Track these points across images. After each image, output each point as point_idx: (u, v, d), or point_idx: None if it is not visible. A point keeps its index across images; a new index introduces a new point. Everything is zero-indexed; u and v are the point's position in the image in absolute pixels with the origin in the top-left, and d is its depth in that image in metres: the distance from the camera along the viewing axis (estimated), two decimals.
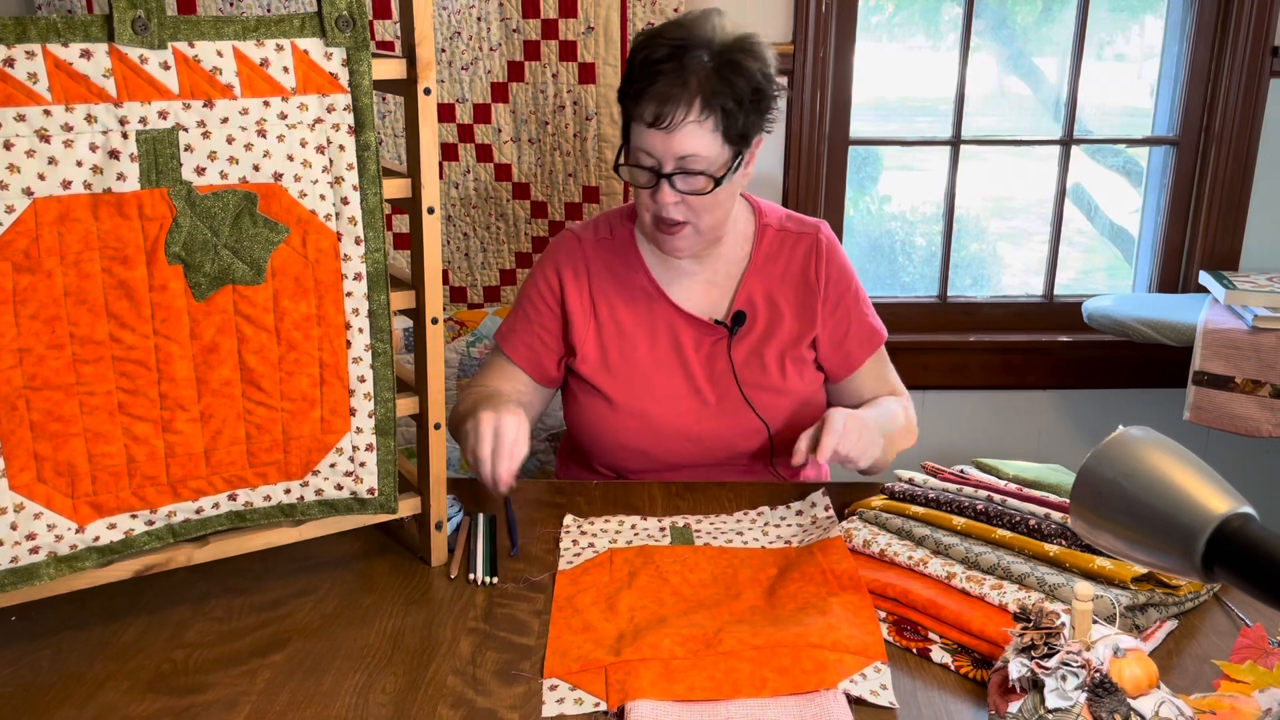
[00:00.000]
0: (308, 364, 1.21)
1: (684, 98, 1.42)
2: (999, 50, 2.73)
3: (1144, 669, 0.93)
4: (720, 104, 1.43)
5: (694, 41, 1.45)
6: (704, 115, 1.43)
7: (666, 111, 1.43)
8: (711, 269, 1.63)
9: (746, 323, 1.61)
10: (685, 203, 1.48)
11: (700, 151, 1.45)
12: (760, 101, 1.49)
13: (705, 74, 1.43)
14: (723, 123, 1.45)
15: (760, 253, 1.63)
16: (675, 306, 1.62)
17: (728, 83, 1.44)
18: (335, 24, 1.14)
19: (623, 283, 1.63)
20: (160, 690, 1.12)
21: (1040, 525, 1.22)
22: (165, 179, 1.10)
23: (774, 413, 1.60)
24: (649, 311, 1.62)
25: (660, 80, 1.43)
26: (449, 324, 2.38)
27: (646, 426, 1.60)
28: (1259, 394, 2.17)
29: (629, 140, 1.51)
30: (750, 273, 1.63)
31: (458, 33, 2.26)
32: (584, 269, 1.63)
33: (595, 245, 1.65)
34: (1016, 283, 2.91)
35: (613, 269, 1.63)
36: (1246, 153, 2.48)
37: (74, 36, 1.03)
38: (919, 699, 1.09)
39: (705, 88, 1.43)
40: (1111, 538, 0.75)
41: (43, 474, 1.12)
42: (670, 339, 1.62)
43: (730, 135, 1.46)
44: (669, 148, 1.44)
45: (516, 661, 1.16)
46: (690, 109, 1.43)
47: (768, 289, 1.63)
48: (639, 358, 1.61)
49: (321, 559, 1.37)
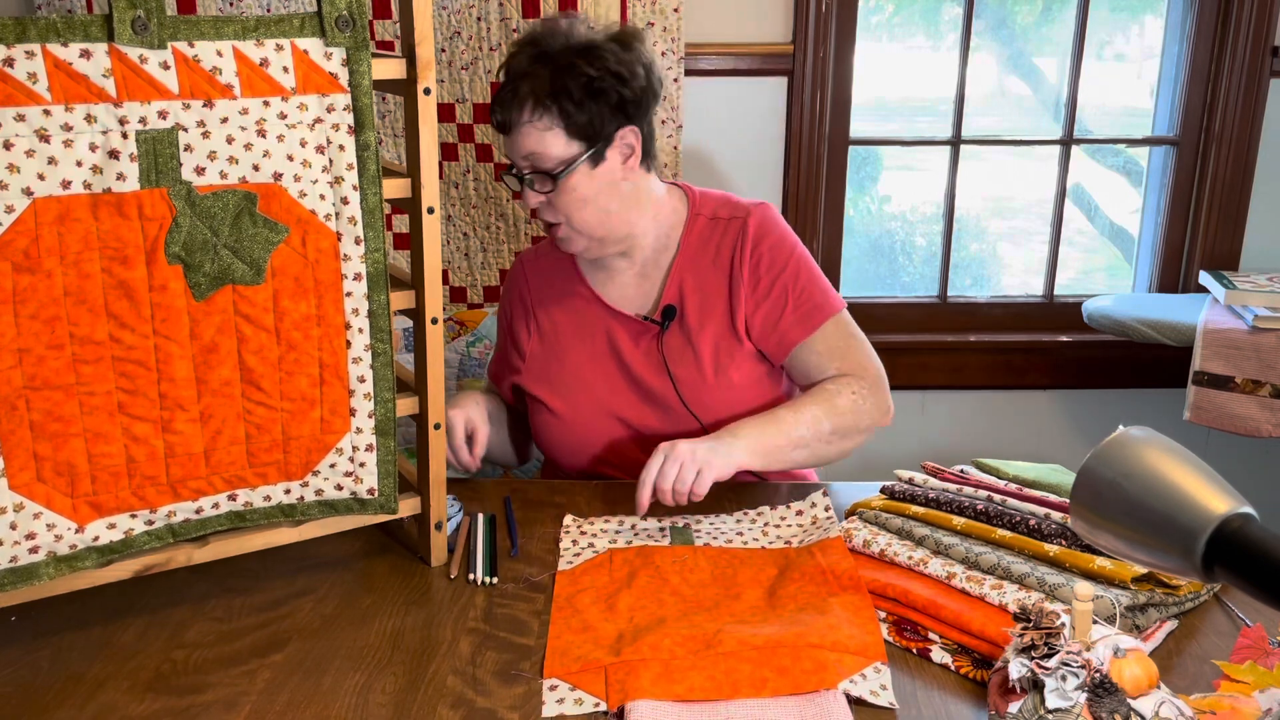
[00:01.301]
0: (308, 364, 1.21)
1: (515, 101, 1.48)
2: (999, 50, 2.73)
3: (1144, 669, 0.93)
4: (555, 104, 1.47)
5: (536, 47, 1.50)
6: (537, 115, 1.48)
7: (506, 114, 1.50)
8: (640, 264, 1.64)
9: (677, 315, 1.60)
10: (549, 202, 1.53)
11: (538, 150, 1.49)
12: (598, 96, 1.48)
13: (538, 77, 1.47)
14: (561, 120, 1.48)
15: (689, 243, 1.62)
16: (608, 307, 1.63)
17: (558, 82, 1.47)
18: (335, 24, 1.14)
19: (560, 292, 1.67)
20: (160, 690, 1.12)
21: (1040, 525, 1.21)
22: (165, 179, 1.10)
23: (715, 407, 1.57)
24: (584, 315, 1.64)
25: (505, 86, 1.51)
26: (449, 324, 2.38)
27: (592, 431, 1.61)
28: (1259, 394, 2.17)
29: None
30: (678, 264, 1.61)
31: (458, 33, 2.25)
32: (525, 290, 1.70)
33: (536, 262, 1.71)
34: (1016, 283, 2.91)
35: (552, 282, 1.68)
36: (1246, 153, 2.48)
37: (74, 36, 1.03)
38: (919, 699, 1.09)
39: (536, 90, 1.47)
40: (1111, 538, 0.75)
41: (42, 474, 1.12)
42: (606, 340, 1.63)
43: (574, 131, 1.48)
44: (514, 150, 1.52)
45: (516, 661, 1.16)
46: (522, 110, 1.48)
47: (699, 280, 1.60)
48: (577, 363, 1.63)
49: (321, 559, 1.37)
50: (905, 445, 2.75)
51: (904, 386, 2.70)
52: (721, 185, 2.46)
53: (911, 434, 2.75)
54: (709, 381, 1.57)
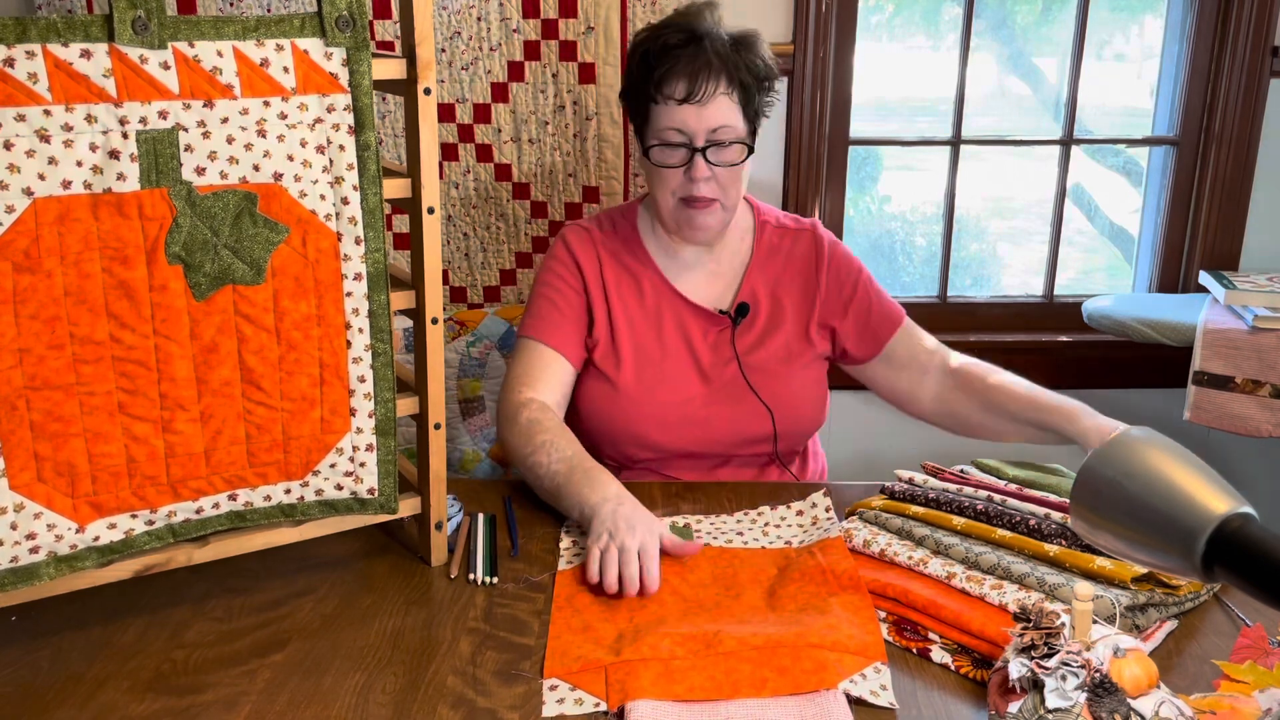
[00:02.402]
0: (308, 364, 1.21)
1: (711, 73, 1.53)
2: (999, 50, 2.73)
3: (1144, 669, 0.93)
4: (741, 79, 1.55)
5: (702, 28, 1.56)
6: (730, 88, 1.54)
7: (699, 85, 1.52)
8: (716, 261, 1.69)
9: (750, 315, 1.66)
10: (715, 178, 1.56)
11: (731, 122, 1.55)
12: (767, 82, 1.60)
13: (726, 52, 1.54)
14: (742, 98, 1.56)
15: (762, 248, 1.70)
16: (682, 297, 1.67)
17: (745, 61, 1.56)
18: (335, 24, 1.14)
19: (631, 273, 1.68)
20: (160, 690, 1.12)
21: (1040, 525, 1.22)
22: (165, 179, 1.10)
23: (777, 401, 1.64)
24: (656, 302, 1.67)
25: (683, 60, 1.53)
26: (449, 324, 2.38)
27: (654, 413, 1.62)
28: (1259, 394, 2.17)
29: (649, 126, 1.59)
30: (753, 267, 1.69)
31: (458, 33, 2.26)
32: (596, 259, 1.68)
33: (604, 237, 1.70)
34: (1016, 283, 2.91)
35: (621, 260, 1.69)
36: (1246, 153, 2.48)
37: (74, 36, 1.03)
38: (919, 699, 1.09)
39: (729, 63, 1.54)
40: (1111, 538, 0.75)
41: (43, 474, 1.12)
42: (678, 328, 1.66)
43: (749, 113, 1.58)
44: (702, 121, 1.53)
45: (516, 661, 1.16)
46: (719, 82, 1.53)
47: (770, 283, 1.69)
48: (648, 346, 1.65)
49: (321, 559, 1.37)
50: (905, 445, 2.74)
51: None
52: None
53: (911, 434, 2.74)
54: (778, 376, 1.65)
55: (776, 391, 1.64)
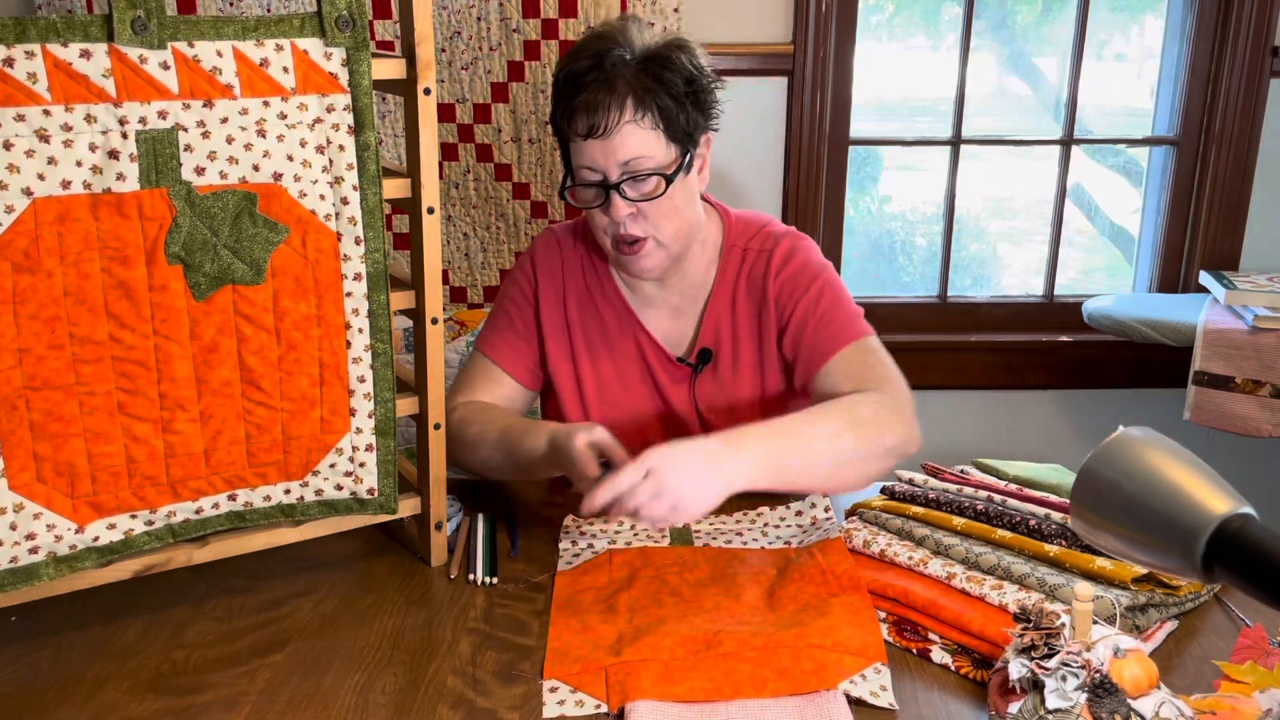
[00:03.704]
0: (307, 364, 1.21)
1: (614, 100, 1.37)
2: (999, 50, 2.73)
3: (1144, 669, 0.93)
4: (655, 101, 1.38)
5: (613, 47, 1.40)
6: (639, 113, 1.38)
7: (600, 118, 1.37)
8: (678, 294, 1.55)
9: (712, 360, 1.54)
10: (640, 213, 1.41)
11: (643, 152, 1.38)
12: (698, 95, 1.42)
13: (631, 73, 1.38)
14: (662, 120, 1.39)
15: (725, 277, 1.54)
16: (647, 332, 1.56)
17: (657, 79, 1.38)
18: (335, 24, 1.14)
19: (596, 298, 1.57)
20: (160, 690, 1.12)
21: (1040, 525, 1.21)
22: (165, 179, 1.10)
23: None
24: (620, 332, 1.56)
25: (586, 90, 1.38)
26: (449, 324, 2.38)
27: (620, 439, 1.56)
28: (1259, 394, 2.17)
29: (570, 163, 1.44)
30: (714, 300, 1.54)
31: (458, 33, 2.26)
32: (560, 277, 1.57)
33: (574, 252, 1.58)
34: (1016, 283, 2.91)
35: (588, 282, 1.57)
36: (1246, 153, 2.48)
37: (74, 36, 1.03)
38: (919, 700, 1.09)
39: (635, 85, 1.37)
40: (1111, 538, 0.75)
41: (42, 474, 1.12)
42: (641, 363, 1.56)
43: (673, 133, 1.40)
44: (610, 155, 1.38)
45: (516, 662, 1.16)
46: (623, 109, 1.37)
47: (733, 318, 1.54)
48: (610, 377, 1.57)
49: (321, 559, 1.37)
50: None
51: None
52: (721, 185, 2.46)
53: None
54: (743, 417, 1.50)
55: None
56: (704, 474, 1.22)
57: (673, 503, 1.20)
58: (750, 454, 1.26)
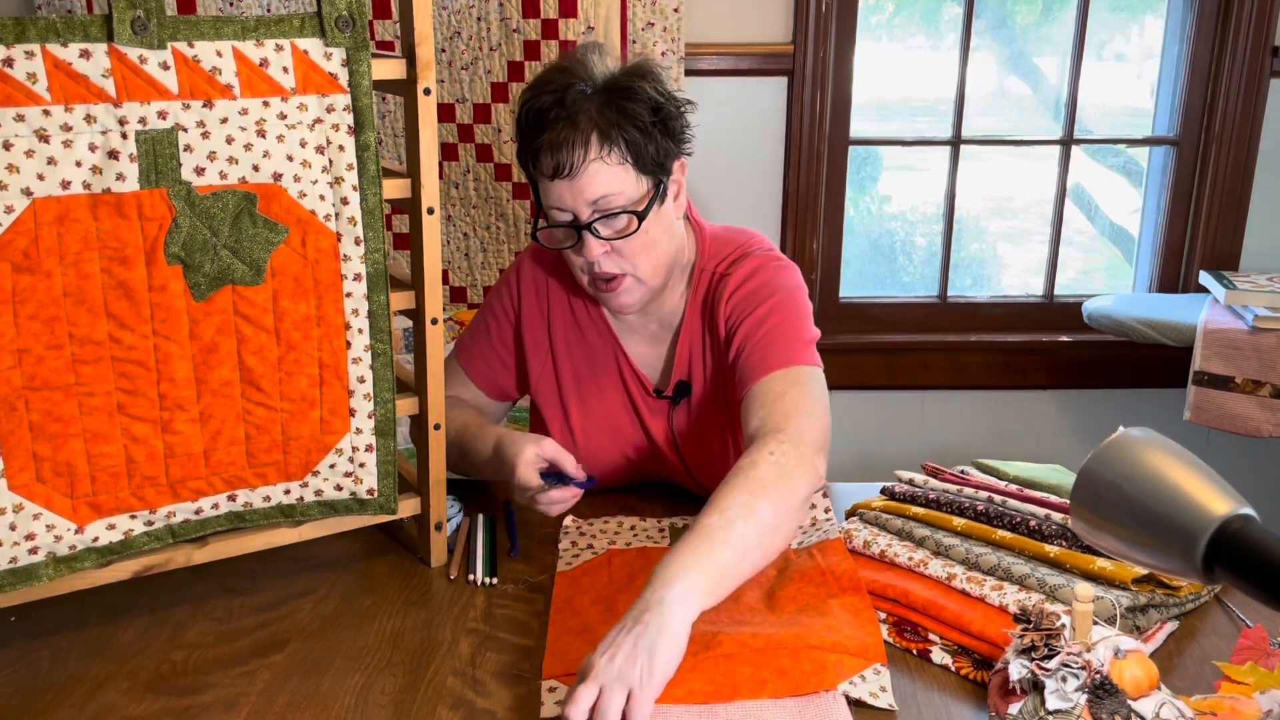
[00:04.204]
0: (307, 364, 1.21)
1: (577, 138, 1.31)
2: (999, 50, 2.73)
3: (1144, 670, 0.93)
4: (621, 135, 1.32)
5: (574, 80, 1.34)
6: (605, 149, 1.32)
7: (564, 157, 1.31)
8: (656, 321, 1.51)
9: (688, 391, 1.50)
10: (615, 250, 1.36)
11: (613, 189, 1.33)
12: (666, 122, 1.36)
13: (595, 107, 1.32)
14: (630, 154, 1.33)
15: (694, 302, 1.49)
16: (629, 360, 1.52)
17: (621, 111, 1.33)
18: (335, 24, 1.14)
19: (581, 321, 1.53)
20: (160, 690, 1.12)
21: (1041, 526, 1.21)
22: (165, 179, 1.10)
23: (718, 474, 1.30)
24: (604, 360, 1.53)
25: (549, 128, 1.32)
26: (449, 324, 2.38)
27: (605, 460, 1.54)
28: (1259, 394, 2.17)
29: (540, 201, 1.39)
30: (685, 327, 1.49)
31: (458, 33, 2.26)
32: (545, 296, 1.53)
33: (559, 268, 1.52)
34: (1016, 283, 2.91)
35: (573, 305, 1.53)
36: (1246, 153, 2.48)
37: (73, 36, 1.03)
38: (919, 700, 1.09)
39: (598, 120, 1.32)
40: (1111, 539, 0.75)
41: (42, 474, 1.12)
42: (623, 393, 1.54)
43: (643, 165, 1.34)
44: (579, 194, 1.33)
45: (516, 662, 1.16)
46: (588, 147, 1.31)
47: (704, 342, 1.49)
48: (597, 409, 1.54)
49: (321, 559, 1.37)
50: (905, 445, 2.75)
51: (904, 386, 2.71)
52: (722, 185, 2.46)
53: (911, 434, 2.75)
54: (715, 457, 1.50)
55: (716, 474, 1.31)
56: (652, 651, 1.03)
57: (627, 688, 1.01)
58: (684, 591, 1.09)
